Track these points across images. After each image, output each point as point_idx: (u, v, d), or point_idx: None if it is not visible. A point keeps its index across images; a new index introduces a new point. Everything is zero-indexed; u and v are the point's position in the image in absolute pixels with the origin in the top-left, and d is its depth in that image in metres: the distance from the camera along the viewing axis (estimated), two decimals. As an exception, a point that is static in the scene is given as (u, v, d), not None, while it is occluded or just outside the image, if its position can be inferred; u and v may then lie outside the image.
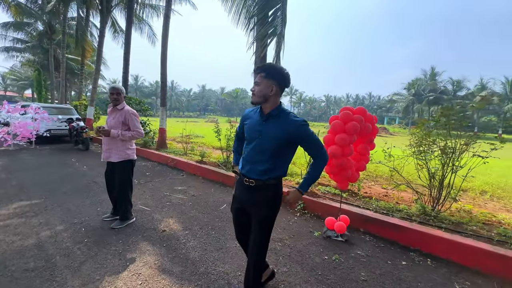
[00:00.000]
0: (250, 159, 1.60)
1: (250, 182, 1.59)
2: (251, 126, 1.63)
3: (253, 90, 1.55)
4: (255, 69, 1.57)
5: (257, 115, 1.63)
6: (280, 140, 1.52)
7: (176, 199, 3.93)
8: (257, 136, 1.56)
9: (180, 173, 5.65)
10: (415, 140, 3.45)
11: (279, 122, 1.53)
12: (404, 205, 3.63)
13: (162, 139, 7.95)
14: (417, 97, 42.16)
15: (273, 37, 4.12)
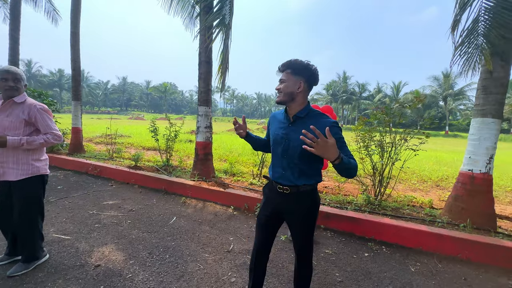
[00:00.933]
0: (280, 165, 1.46)
1: (285, 189, 1.44)
2: (276, 129, 1.50)
3: (278, 88, 1.41)
4: (279, 66, 1.42)
5: (282, 117, 1.51)
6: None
7: (108, 218, 3.11)
8: (283, 141, 1.44)
9: (107, 182, 4.61)
10: (360, 137, 3.75)
11: (307, 123, 1.35)
12: (351, 196, 3.92)
13: (77, 141, 6.39)
14: (334, 97, 48.73)
15: (222, 27, 3.73)
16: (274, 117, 1.58)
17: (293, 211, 1.46)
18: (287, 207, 1.47)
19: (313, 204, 1.47)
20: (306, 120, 1.40)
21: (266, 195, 1.58)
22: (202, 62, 4.46)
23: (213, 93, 34.91)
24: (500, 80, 2.87)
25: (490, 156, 2.97)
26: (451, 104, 41.45)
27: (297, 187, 1.42)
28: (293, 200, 1.45)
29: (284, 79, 1.39)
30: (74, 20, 6.22)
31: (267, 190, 1.58)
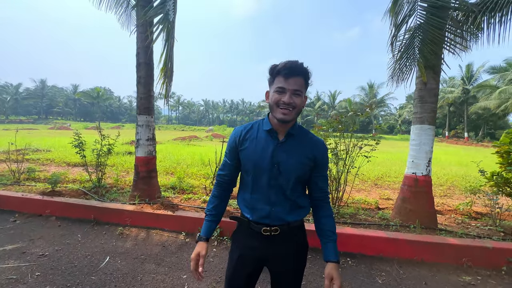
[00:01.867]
0: (265, 200, 1.11)
1: (273, 230, 1.11)
2: (257, 151, 1.10)
3: (291, 103, 1.01)
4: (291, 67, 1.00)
5: (264, 134, 1.12)
6: (303, 167, 1.10)
7: (3, 274, 2.21)
8: (272, 166, 1.08)
9: (7, 217, 3.46)
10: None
11: (300, 142, 1.12)
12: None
13: (-39, 162, 4.76)
14: (279, 104, 51.12)
15: (166, 24, 3.22)
16: (243, 135, 1.14)
17: (282, 256, 1.14)
18: (274, 251, 1.13)
19: (304, 240, 1.21)
20: (297, 138, 1.12)
21: (241, 244, 1.17)
22: (141, 63, 3.82)
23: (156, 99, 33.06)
24: (433, 91, 3.19)
25: (429, 159, 3.25)
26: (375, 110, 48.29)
27: (288, 224, 1.12)
28: (282, 242, 1.13)
29: (300, 90, 1.02)
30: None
31: (241, 239, 1.18)
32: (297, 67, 1.02)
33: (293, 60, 1.03)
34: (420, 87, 3.26)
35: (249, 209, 1.14)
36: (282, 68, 1.01)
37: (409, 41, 3.14)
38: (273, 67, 1.05)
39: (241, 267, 1.15)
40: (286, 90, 1.01)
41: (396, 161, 10.49)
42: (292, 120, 1.06)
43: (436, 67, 3.12)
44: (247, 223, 1.14)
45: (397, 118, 56.69)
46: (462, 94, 33.65)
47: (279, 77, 1.03)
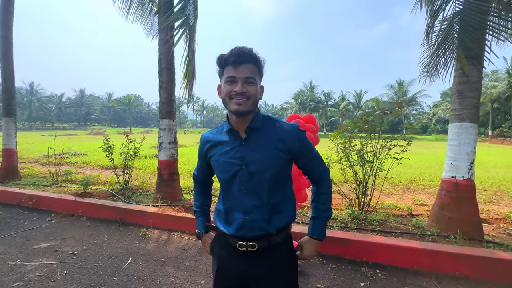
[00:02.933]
0: (238, 207, 0.97)
1: (250, 246, 0.95)
2: (223, 155, 0.99)
3: (245, 92, 0.91)
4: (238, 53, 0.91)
5: (225, 136, 1.01)
6: (277, 161, 0.96)
7: (37, 270, 2.36)
8: (239, 168, 0.95)
9: (45, 216, 3.73)
10: (339, 146, 3.51)
11: (268, 135, 0.98)
12: (334, 211, 3.63)
13: (9, 165, 5.27)
14: (302, 105, 50.39)
15: (186, 28, 3.27)
16: (209, 141, 1.05)
17: (264, 279, 0.98)
18: (255, 271, 0.98)
19: (289, 255, 1.03)
20: (264, 130, 0.98)
21: (218, 256, 1.05)
22: (163, 69, 3.92)
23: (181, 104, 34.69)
24: (475, 84, 2.84)
25: (471, 161, 2.89)
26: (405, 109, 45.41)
27: (269, 237, 0.96)
28: (263, 260, 0.98)
29: (252, 77, 0.92)
30: (5, 21, 5.24)
31: (218, 249, 1.06)
32: (245, 53, 0.91)
33: (240, 46, 0.93)
34: (459, 80, 2.92)
35: (224, 221, 1.02)
36: (229, 56, 0.91)
37: (448, 29, 2.83)
38: (221, 57, 0.94)
39: (221, 283, 1.04)
40: (236, 79, 0.91)
41: (431, 163, 9.67)
42: (249, 111, 0.94)
43: (479, 57, 2.77)
44: (223, 234, 1.02)
45: (431, 117, 52.76)
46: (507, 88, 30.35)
47: (228, 66, 0.92)
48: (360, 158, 3.34)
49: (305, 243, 1.07)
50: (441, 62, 2.98)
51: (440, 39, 2.86)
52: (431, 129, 52.21)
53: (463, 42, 2.68)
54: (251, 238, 0.95)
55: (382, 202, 4.15)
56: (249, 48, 0.93)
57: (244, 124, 0.97)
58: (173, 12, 3.34)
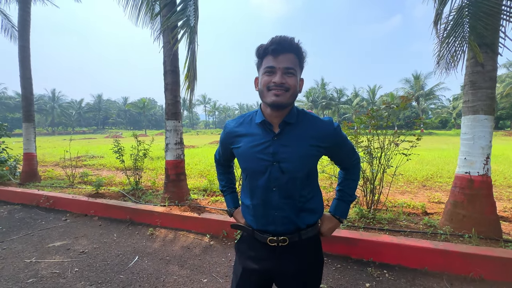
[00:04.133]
0: (267, 204, 0.94)
1: (281, 241, 0.94)
2: (252, 149, 0.94)
3: (284, 83, 0.85)
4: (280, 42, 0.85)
5: (256, 128, 0.96)
6: (310, 159, 0.93)
7: (49, 268, 2.47)
8: (270, 163, 0.91)
9: (60, 216, 3.91)
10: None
11: (301, 131, 0.93)
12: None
13: (30, 168, 5.57)
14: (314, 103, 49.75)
15: (187, 29, 3.30)
16: (234, 131, 1.01)
17: (292, 274, 0.96)
18: (282, 268, 0.96)
19: (319, 255, 1.03)
20: (298, 126, 0.93)
21: (244, 256, 1.02)
22: (167, 71, 3.99)
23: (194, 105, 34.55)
24: (489, 74, 2.66)
25: (486, 156, 2.72)
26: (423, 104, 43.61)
27: (299, 232, 0.94)
28: (292, 256, 0.95)
29: (293, 68, 0.86)
30: (23, 32, 5.54)
31: (244, 249, 1.03)
32: (287, 42, 0.86)
33: (282, 35, 0.87)
34: (472, 70, 2.75)
35: (252, 216, 1.00)
36: (270, 44, 0.86)
37: (457, 17, 2.67)
38: (260, 47, 0.89)
39: (245, 283, 1.01)
40: (276, 69, 0.86)
41: (450, 159, 9.22)
42: (288, 103, 0.89)
43: (493, 44, 2.60)
44: (251, 231, 0.99)
45: (451, 111, 50.34)
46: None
47: (267, 56, 0.88)
48: (368, 155, 3.24)
49: (325, 219, 1.07)
50: (452, 52, 2.83)
51: (449, 27, 2.70)
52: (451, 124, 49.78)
53: (475, 29, 2.52)
54: (281, 233, 0.94)
55: (395, 200, 4.01)
56: (291, 37, 0.87)
57: (279, 118, 0.92)
58: (174, 13, 3.38)
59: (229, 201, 1.22)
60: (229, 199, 1.22)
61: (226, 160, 1.19)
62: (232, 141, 1.02)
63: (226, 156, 1.15)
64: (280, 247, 0.94)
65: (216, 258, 2.62)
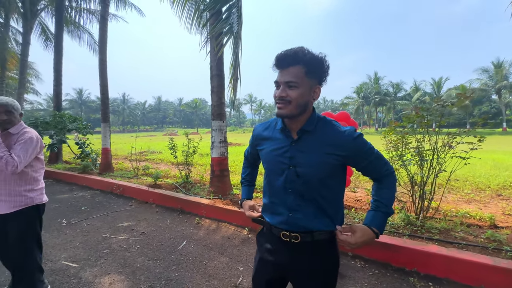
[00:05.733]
0: (283, 203, 1.01)
1: (292, 237, 0.99)
2: (272, 152, 1.04)
3: (285, 96, 0.93)
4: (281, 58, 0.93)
5: (278, 133, 1.04)
6: (326, 166, 0.96)
7: (119, 243, 3.02)
8: (286, 167, 0.99)
9: (128, 202, 4.65)
10: (391, 144, 3.21)
11: (318, 139, 0.97)
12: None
13: (106, 161, 6.72)
14: (365, 100, 46.24)
15: (230, 36, 3.57)
16: (260, 134, 1.11)
17: (304, 272, 1.01)
18: (295, 266, 1.02)
19: (333, 261, 1.03)
20: (316, 133, 0.98)
21: (262, 247, 1.11)
22: (213, 75, 4.35)
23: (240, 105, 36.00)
24: None
25: None
26: (506, 97, 36.28)
27: (311, 233, 0.98)
28: (305, 254, 1.00)
29: (294, 81, 0.91)
30: (102, 48, 6.69)
31: (262, 241, 1.12)
32: (287, 56, 0.91)
33: (288, 49, 0.93)
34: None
35: (269, 213, 1.08)
36: (274, 60, 0.95)
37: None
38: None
39: (261, 271, 1.11)
40: (279, 83, 0.95)
41: (538, 165, 7.58)
42: (291, 115, 0.95)
43: None
44: (269, 225, 1.07)
45: (548, 105, 40.58)
46: None
47: (277, 71, 0.97)
48: (419, 157, 2.98)
49: (360, 229, 0.95)
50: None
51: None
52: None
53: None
54: (295, 231, 0.99)
55: (456, 209, 3.56)
56: (296, 49, 0.91)
57: (297, 125, 0.99)
58: (220, 20, 3.67)
59: (244, 192, 1.32)
60: (245, 190, 1.32)
61: (253, 159, 1.30)
62: (258, 143, 1.13)
63: (253, 156, 1.26)
64: (292, 243, 0.99)
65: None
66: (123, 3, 11.80)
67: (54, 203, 4.59)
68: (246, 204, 1.21)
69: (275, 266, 1.06)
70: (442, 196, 3.01)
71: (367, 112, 49.58)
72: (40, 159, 2.04)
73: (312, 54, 0.92)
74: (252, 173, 1.37)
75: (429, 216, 3.13)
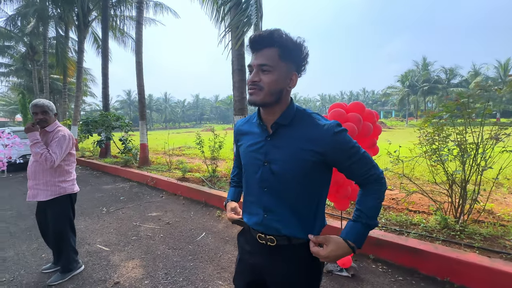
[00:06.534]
0: (258, 202, 0.94)
1: (268, 240, 0.92)
2: (248, 148, 0.97)
3: (257, 81, 0.84)
4: (255, 38, 0.85)
5: (255, 127, 0.97)
6: (302, 163, 0.86)
7: (146, 231, 3.27)
8: (261, 163, 0.92)
9: (159, 194, 5.00)
10: (425, 137, 2.84)
11: (295, 133, 0.89)
12: (419, 216, 2.99)
13: (144, 155, 7.31)
14: (412, 89, 41.97)
15: (248, 27, 3.53)
16: (240, 129, 1.05)
17: (281, 277, 0.94)
18: (272, 269, 0.95)
19: (313, 273, 0.94)
20: (293, 127, 0.89)
21: (241, 248, 1.06)
22: (235, 70, 4.37)
23: None
24: None
25: None
26: None
27: (288, 238, 0.90)
28: (281, 260, 0.93)
29: (269, 64, 0.82)
30: (138, 51, 7.24)
31: (242, 241, 1.06)
32: (261, 37, 0.82)
33: (264, 30, 0.85)
34: None
35: (246, 213, 1.01)
36: (248, 42, 0.86)
37: None
38: None
39: (241, 273, 1.07)
40: (253, 67, 0.86)
41: None
42: (264, 103, 0.86)
43: None
44: (247, 227, 1.00)
45: None
46: None
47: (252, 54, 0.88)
48: (460, 152, 2.58)
49: (334, 242, 0.85)
50: None
51: None
52: None
53: None
54: (270, 234, 0.92)
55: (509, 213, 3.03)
56: (272, 30, 0.83)
57: (272, 117, 0.91)
58: (237, 13, 3.65)
59: (230, 193, 1.22)
60: (231, 191, 1.23)
61: (239, 156, 1.19)
62: (238, 138, 1.06)
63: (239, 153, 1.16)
64: (269, 246, 0.92)
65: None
66: (160, 8, 12.60)
67: (98, 192, 5.17)
68: (229, 205, 1.14)
69: (253, 269, 1.00)
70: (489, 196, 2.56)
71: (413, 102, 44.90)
72: (72, 153, 2.30)
73: (289, 37, 0.83)
74: (240, 173, 1.23)
75: (473, 219, 2.71)
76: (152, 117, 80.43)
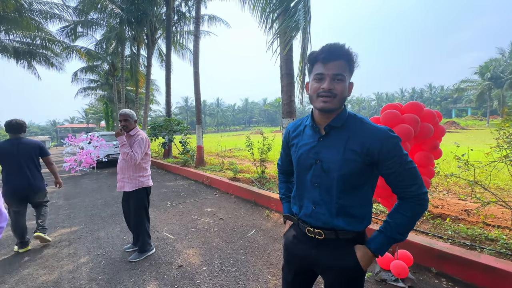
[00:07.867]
0: (309, 197, 1.04)
1: (316, 233, 1.02)
2: (302, 147, 1.07)
3: (332, 89, 0.93)
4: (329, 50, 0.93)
5: (308, 129, 1.08)
6: (350, 164, 0.95)
7: (203, 224, 3.63)
8: (313, 161, 1.02)
9: (213, 192, 5.44)
10: (506, 139, 2.44)
11: (346, 135, 0.98)
12: (498, 231, 2.58)
13: (200, 156, 8.01)
14: (495, 81, 35.11)
15: (296, 32, 3.60)
16: (292, 131, 1.15)
17: (331, 269, 1.02)
18: (321, 261, 1.03)
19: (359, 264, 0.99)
20: (344, 130, 0.98)
21: (289, 242, 1.14)
22: (283, 75, 4.47)
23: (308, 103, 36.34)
24: None
25: None
26: None
27: (335, 231, 0.98)
28: (329, 251, 1.01)
29: (342, 75, 0.93)
30: (195, 62, 8.02)
31: (290, 236, 1.14)
32: (337, 49, 0.92)
33: (332, 42, 0.95)
34: None
35: (296, 205, 1.11)
36: (320, 52, 0.94)
37: None
38: (311, 54, 0.98)
39: (287, 265, 1.15)
40: (325, 76, 0.93)
41: None
42: (334, 109, 0.95)
43: None
44: (296, 221, 1.10)
45: None
46: None
47: (318, 63, 0.95)
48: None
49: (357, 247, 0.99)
50: None
51: None
52: None
53: None
54: (318, 227, 1.01)
55: None
56: (341, 44, 0.94)
57: (326, 121, 1.00)
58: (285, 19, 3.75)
59: (285, 208, 1.25)
60: (286, 206, 1.25)
61: (288, 164, 1.26)
62: (291, 141, 1.16)
63: (288, 158, 1.23)
64: (317, 239, 1.01)
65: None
66: (213, 20, 13.65)
67: (163, 188, 5.92)
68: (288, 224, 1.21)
69: (300, 260, 1.09)
70: None
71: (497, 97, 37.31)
72: (148, 153, 2.75)
73: (351, 50, 0.95)
74: (289, 186, 1.31)
75: None
76: (205, 121, 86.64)
